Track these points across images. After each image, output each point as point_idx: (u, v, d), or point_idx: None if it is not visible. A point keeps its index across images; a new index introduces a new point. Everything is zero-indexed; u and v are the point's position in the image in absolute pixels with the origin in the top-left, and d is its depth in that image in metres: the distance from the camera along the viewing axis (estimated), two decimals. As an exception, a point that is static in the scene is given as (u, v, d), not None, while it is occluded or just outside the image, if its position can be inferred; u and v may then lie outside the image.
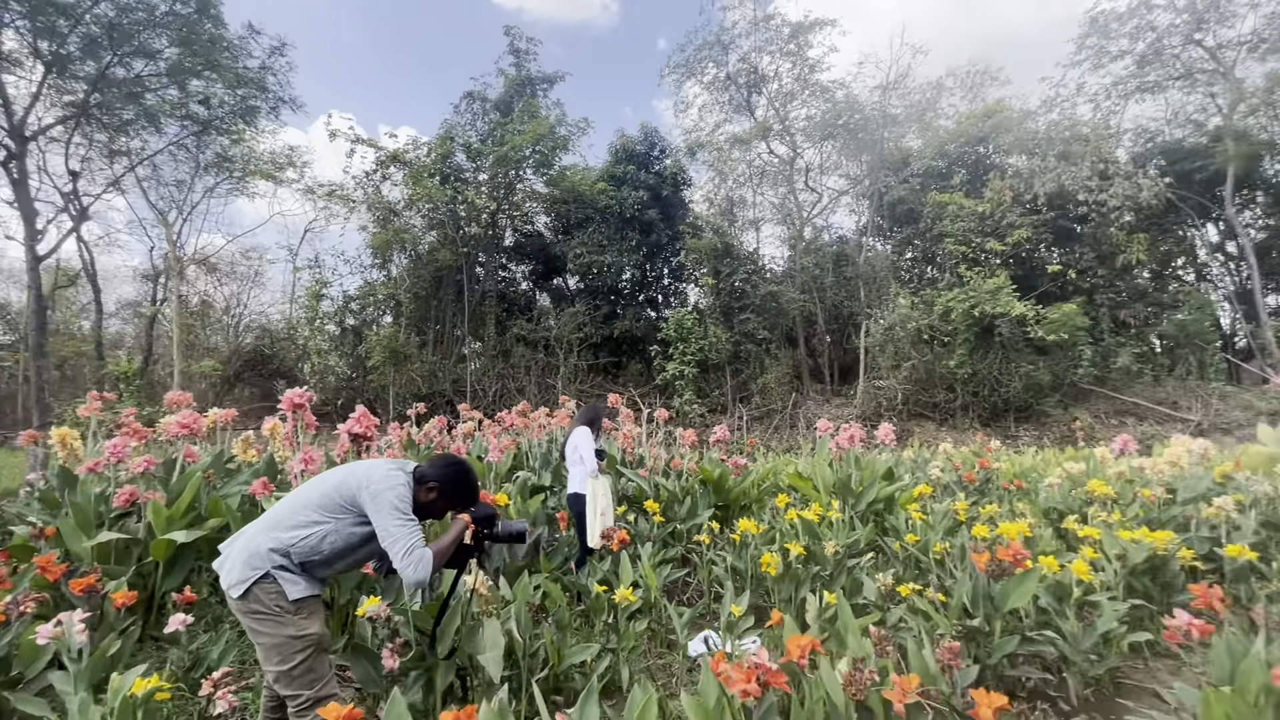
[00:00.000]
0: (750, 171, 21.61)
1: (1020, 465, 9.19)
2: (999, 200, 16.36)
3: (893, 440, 6.59)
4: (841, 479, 5.39)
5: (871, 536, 4.74)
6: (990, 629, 2.92)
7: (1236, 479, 5.80)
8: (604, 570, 4.00)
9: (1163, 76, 18.98)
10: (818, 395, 18.56)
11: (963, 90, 22.56)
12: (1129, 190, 15.78)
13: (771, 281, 18.91)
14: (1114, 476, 6.05)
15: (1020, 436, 14.86)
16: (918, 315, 15.66)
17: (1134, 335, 16.88)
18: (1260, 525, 4.98)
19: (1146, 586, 3.97)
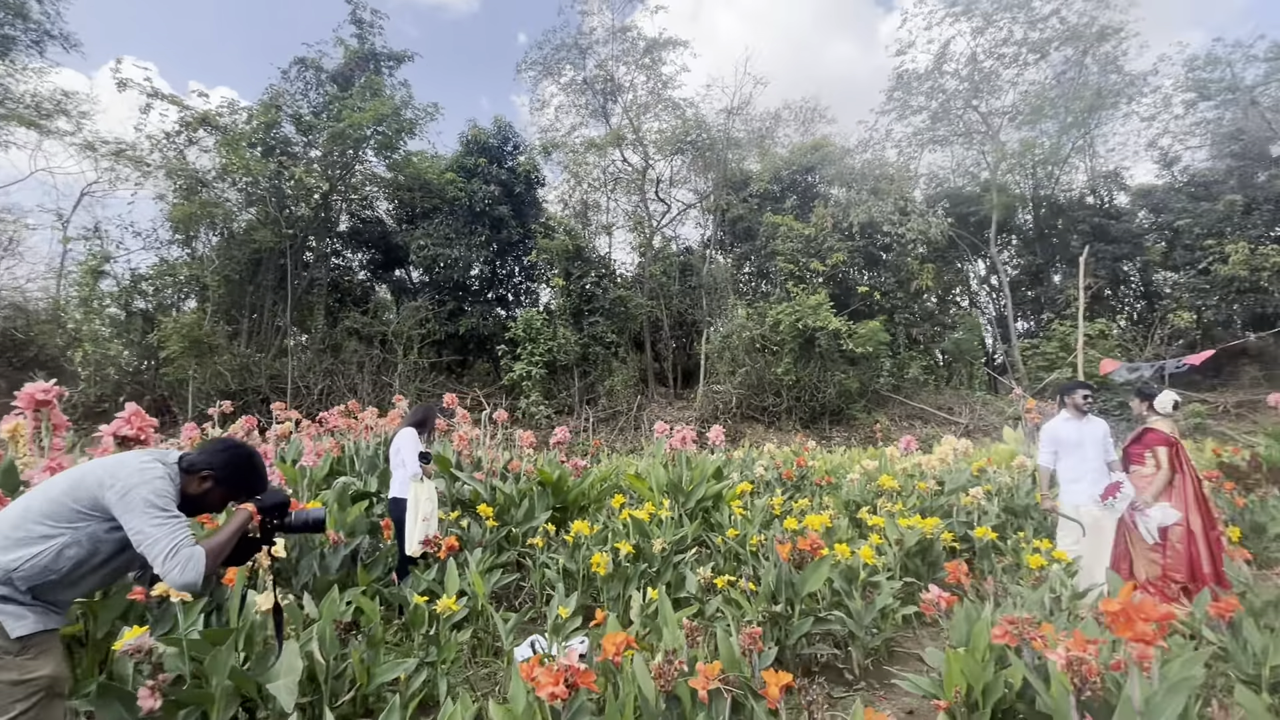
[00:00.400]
0: (605, 177, 21.96)
1: (830, 463, 10.27)
2: (822, 225, 18.26)
3: (723, 441, 7.05)
4: (673, 479, 5.65)
5: (698, 532, 5.02)
6: (791, 613, 3.23)
7: (988, 472, 7.03)
8: (428, 580, 3.81)
9: (949, 133, 22.51)
10: (662, 398, 19.32)
11: (796, 123, 24.91)
12: (922, 226, 18.44)
13: (621, 286, 19.35)
14: (900, 472, 7.02)
15: (833, 437, 16.65)
16: (752, 325, 16.95)
17: (922, 350, 19.75)
18: (1001, 510, 6.06)
19: (917, 566, 4.64)
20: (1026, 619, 2.14)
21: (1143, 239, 20.66)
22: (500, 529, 5.10)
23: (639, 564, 4.10)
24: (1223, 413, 16.11)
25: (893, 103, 22.39)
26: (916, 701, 3.12)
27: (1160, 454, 4.12)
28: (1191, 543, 3.93)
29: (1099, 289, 21.03)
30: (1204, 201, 19.60)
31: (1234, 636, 3.08)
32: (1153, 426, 4.19)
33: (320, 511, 2.10)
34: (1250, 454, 9.29)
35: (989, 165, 21.49)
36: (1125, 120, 21.78)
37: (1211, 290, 17.99)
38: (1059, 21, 19.67)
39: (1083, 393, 4.60)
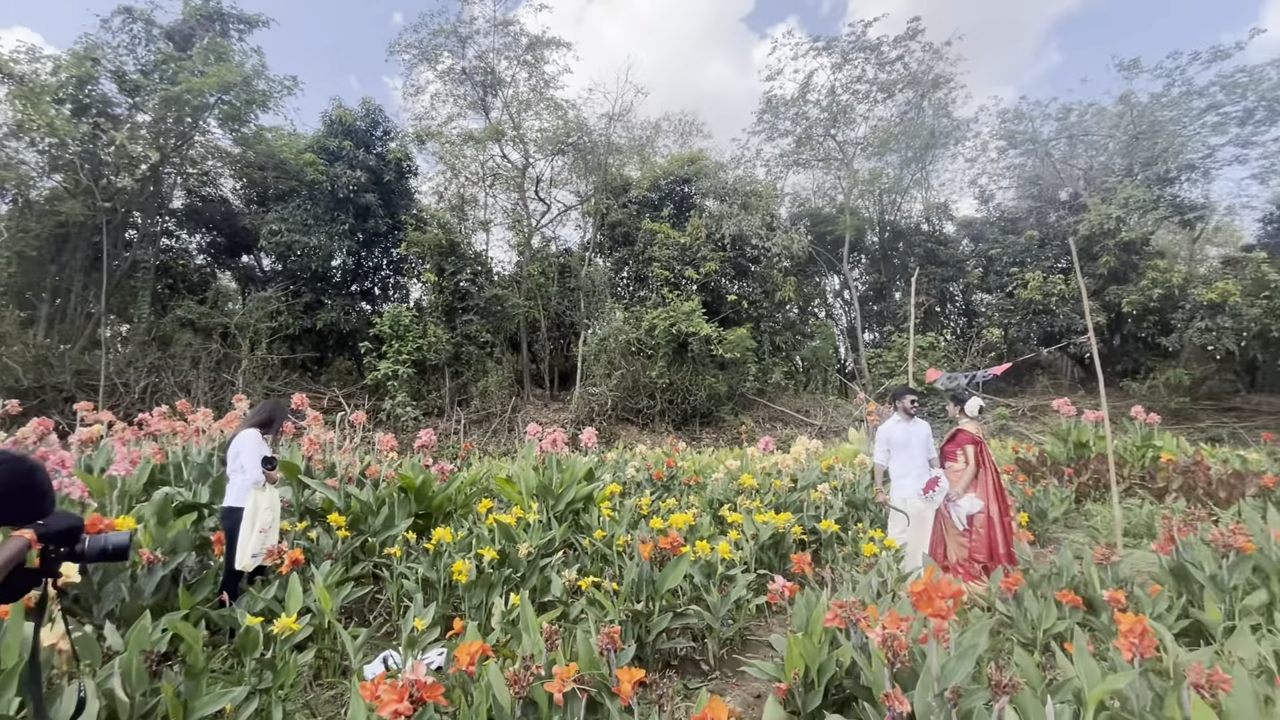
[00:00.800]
0: (483, 172, 21.31)
1: (699, 463, 10.71)
2: (696, 235, 19.02)
3: (595, 443, 7.11)
4: (544, 482, 5.61)
5: (567, 535, 5.02)
6: (651, 610, 3.34)
7: (835, 469, 7.71)
8: (266, 598, 3.48)
9: (811, 157, 24.42)
10: (538, 400, 19.09)
11: (675, 134, 25.79)
12: (786, 241, 19.82)
13: (498, 285, 18.87)
14: (759, 471, 7.50)
15: (703, 438, 17.39)
16: (629, 329, 17.26)
17: (784, 357, 21.20)
18: (845, 504, 6.68)
19: (770, 558, 4.98)
20: (854, 603, 2.38)
21: (965, 264, 23.70)
22: (355, 539, 4.77)
23: (504, 570, 4.03)
24: (1021, 415, 18.89)
25: (762, 124, 23.89)
26: (764, 685, 3.35)
27: (968, 451, 4.76)
28: (991, 528, 4.58)
29: (930, 306, 23.83)
30: (1011, 234, 22.91)
31: (1018, 606, 3.64)
32: (963, 428, 4.84)
33: (123, 536, 1.77)
34: (1039, 451, 11.00)
35: (844, 190, 23.59)
36: (953, 160, 24.96)
37: (1014, 311, 21.05)
38: (903, 67, 22.08)
39: (910, 398, 5.19)
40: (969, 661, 2.11)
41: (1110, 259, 19.36)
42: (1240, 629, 2.87)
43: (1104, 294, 19.59)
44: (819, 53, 22.63)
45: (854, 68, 22.52)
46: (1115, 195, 19.37)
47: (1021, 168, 24.94)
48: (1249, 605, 3.39)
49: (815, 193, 26.22)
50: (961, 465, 4.81)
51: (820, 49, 22.59)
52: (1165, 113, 19.97)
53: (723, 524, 5.81)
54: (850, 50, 22.16)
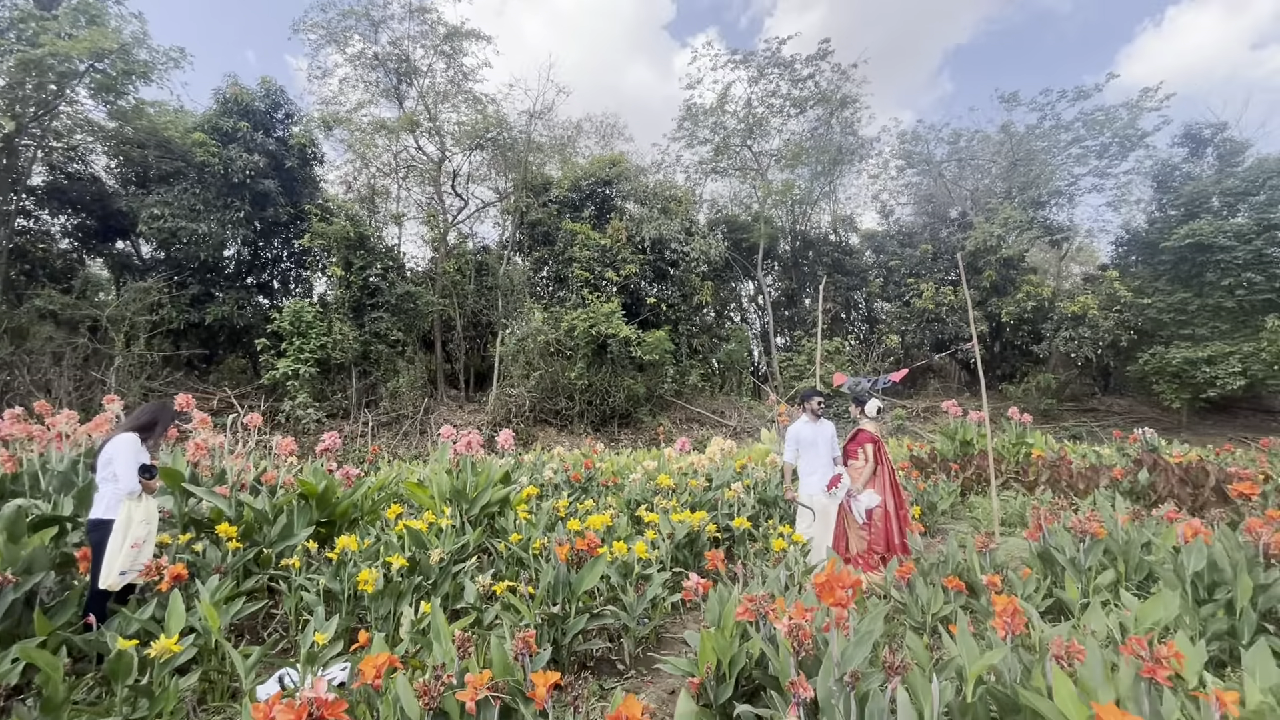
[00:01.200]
0: (396, 163, 20.43)
1: (617, 464, 10.77)
2: (617, 237, 19.12)
3: (512, 445, 6.99)
4: (457, 485, 5.46)
5: (481, 540, 4.91)
6: (568, 612, 3.33)
7: (748, 468, 7.99)
8: (142, 619, 3.17)
9: (729, 166, 25.19)
10: (452, 401, 18.50)
11: (597, 135, 25.84)
12: (703, 247, 20.31)
13: (411, 281, 18.13)
14: (676, 471, 7.65)
15: (621, 439, 17.49)
16: (548, 329, 17.08)
17: (701, 359, 21.70)
18: (757, 501, 6.93)
19: (686, 556, 5.09)
20: (763, 596, 2.48)
21: (867, 274, 25.24)
22: (248, 550, 4.44)
23: (414, 578, 3.88)
24: (915, 416, 20.33)
25: (683, 131, 24.38)
26: (679, 681, 3.42)
27: (868, 449, 5.07)
28: (888, 521, 4.91)
29: (836, 313, 25.18)
30: (908, 248, 24.63)
31: (910, 593, 3.92)
32: (863, 427, 5.16)
33: None
34: (931, 449, 11.89)
35: (759, 199, 24.48)
36: (858, 175, 26.53)
37: (910, 318, 22.65)
38: (814, 85, 23.23)
39: (817, 399, 5.47)
40: (866, 647, 2.26)
41: (992, 273, 21.23)
42: (1093, 605, 3.24)
43: (987, 305, 21.45)
44: (736, 65, 23.40)
45: (769, 82, 23.46)
46: (997, 215, 21.28)
47: (918, 186, 26.90)
48: (1100, 583, 3.83)
49: (732, 200, 27.07)
50: (862, 463, 5.12)
51: (738, 62, 23.36)
52: (1038, 143, 22.17)
53: (640, 524, 5.88)
54: (766, 65, 23.06)
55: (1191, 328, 18.64)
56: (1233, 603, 3.28)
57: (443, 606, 3.96)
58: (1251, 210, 18.07)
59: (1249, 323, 17.73)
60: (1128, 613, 3.26)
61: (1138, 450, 11.36)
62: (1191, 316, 18.72)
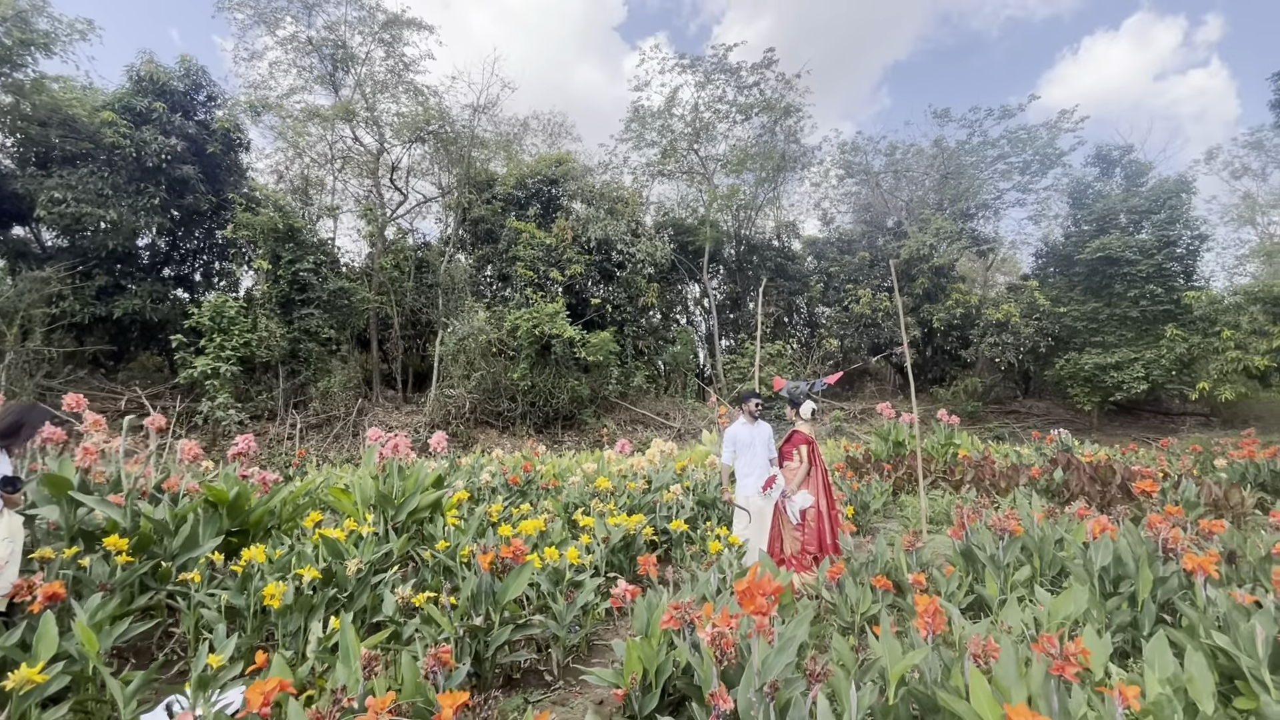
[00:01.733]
0: (332, 154, 19.57)
1: (558, 467, 10.60)
2: (562, 237, 18.90)
3: (445, 448, 6.74)
4: (384, 490, 5.19)
5: (406, 548, 4.68)
6: (491, 623, 3.18)
7: (688, 470, 7.99)
8: (6, 646, 2.83)
9: (676, 170, 25.33)
10: (389, 402, 17.83)
11: (544, 134, 25.52)
12: (650, 249, 20.34)
13: (346, 277, 17.38)
14: (616, 473, 7.57)
15: (564, 441, 17.28)
16: (490, 329, 16.70)
17: (646, 361, 21.72)
18: (696, 504, 6.92)
19: (621, 561, 5.01)
20: (689, 603, 2.42)
21: (809, 279, 25.89)
22: (144, 564, 4.07)
23: (328, 590, 3.64)
24: (852, 418, 20.96)
25: (630, 133, 24.37)
26: (606, 692, 3.33)
27: (802, 451, 5.12)
28: (820, 521, 4.96)
29: (778, 316, 25.70)
30: (847, 255, 25.41)
31: (840, 593, 3.96)
32: (798, 429, 5.21)
33: None
34: (866, 449, 12.24)
35: (705, 203, 24.72)
36: (800, 183, 27.21)
37: (849, 323, 23.37)
38: (759, 93, 23.65)
39: (754, 401, 5.49)
40: (790, 653, 2.22)
41: (925, 281, 22.15)
42: (1010, 601, 3.34)
43: (919, 311, 22.36)
44: (684, 69, 23.56)
45: (716, 88, 23.73)
46: (929, 225, 22.22)
47: (857, 195, 27.81)
48: (1018, 579, 3.97)
49: (679, 204, 27.24)
50: (796, 464, 5.17)
51: (685, 66, 23.54)
52: (967, 158, 23.30)
53: (576, 529, 5.76)
54: (712, 70, 23.32)
55: (1102, 335, 19.97)
56: (1135, 595, 3.46)
57: (360, 621, 3.73)
58: (1153, 227, 19.51)
59: (1151, 331, 19.13)
60: (1041, 608, 3.38)
61: (1053, 450, 12.04)
62: (1102, 325, 20.05)
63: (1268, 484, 8.56)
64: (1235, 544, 3.97)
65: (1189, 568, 3.02)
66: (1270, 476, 8.58)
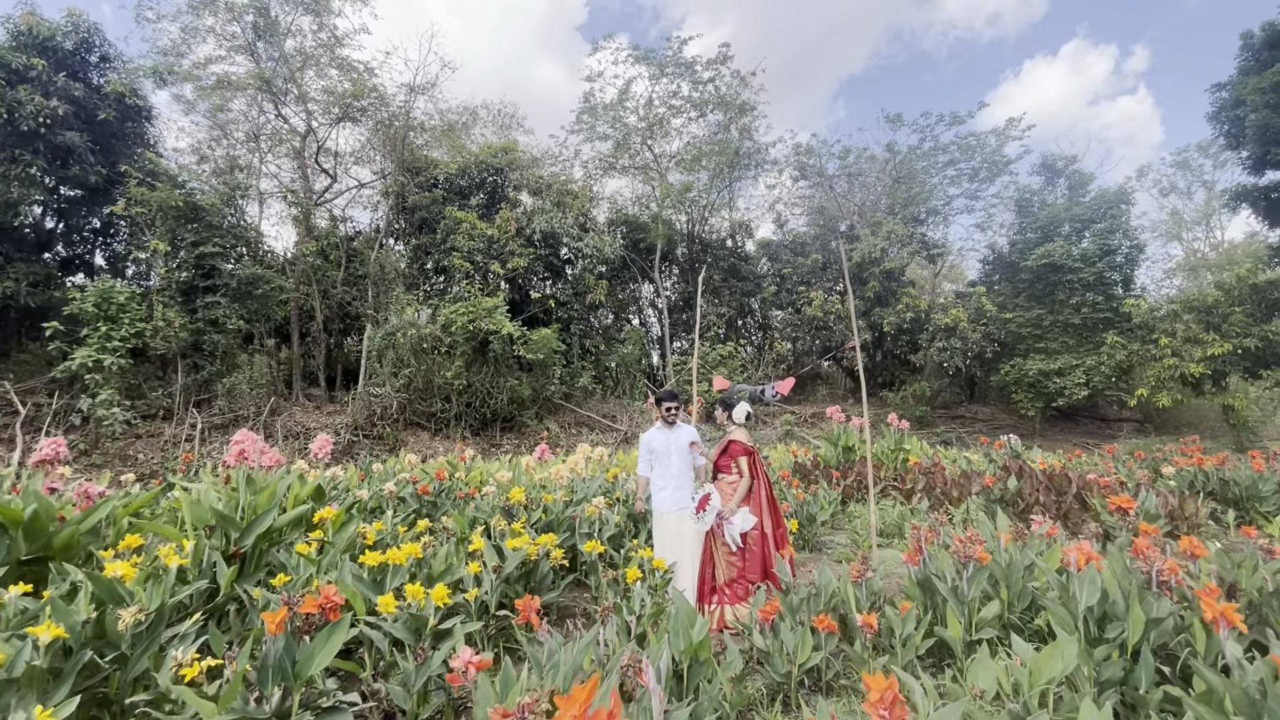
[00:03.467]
0: (257, 131, 18.00)
1: (486, 472, 9.63)
2: (505, 228, 17.86)
3: (326, 454, 5.75)
4: (221, 509, 4.18)
5: (233, 585, 3.69)
6: (288, 704, 2.28)
7: (619, 479, 7.17)
8: None
9: (629, 165, 24.56)
10: (309, 401, 16.41)
11: (494, 126, 24.37)
12: (598, 244, 19.48)
13: (264, 264, 15.91)
14: (536, 483, 6.68)
15: (503, 445, 16.24)
16: (422, 324, 15.52)
17: (594, 361, 20.83)
18: (625, 517, 6.11)
19: (517, 592, 4.14)
20: (532, 700, 1.59)
21: (762, 280, 25.50)
22: None
23: (81, 653, 2.65)
24: (803, 422, 20.58)
25: (581, 124, 23.47)
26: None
27: (741, 463, 4.37)
28: (764, 544, 4.22)
29: (731, 318, 25.22)
30: (800, 257, 25.13)
31: (774, 638, 3.20)
32: (735, 438, 4.46)
33: None
34: (814, 455, 11.69)
35: (658, 200, 24.04)
36: (755, 183, 26.84)
37: (801, 326, 23.04)
38: (714, 89, 23.12)
39: (669, 404, 4.72)
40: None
41: (876, 284, 22.00)
42: (981, 653, 2.64)
43: (870, 315, 22.20)
44: (638, 61, 22.85)
45: (670, 82, 23.09)
46: (881, 229, 22.10)
47: (810, 198, 27.62)
48: (985, 616, 3.30)
49: (633, 201, 26.49)
50: (735, 477, 4.42)
51: (639, 58, 22.83)
52: (919, 163, 23.33)
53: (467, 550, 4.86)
54: (667, 64, 22.67)
55: (1045, 341, 20.16)
56: (1124, 640, 2.81)
57: (130, 691, 2.75)
58: (1095, 236, 19.83)
59: (1091, 338, 19.39)
60: (1018, 661, 2.69)
61: (1004, 457, 11.75)
62: (1045, 331, 20.25)
63: (1217, 492, 8.33)
64: (1230, 572, 3.40)
65: (1209, 617, 2.36)
66: (1219, 485, 8.36)
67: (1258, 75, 13.06)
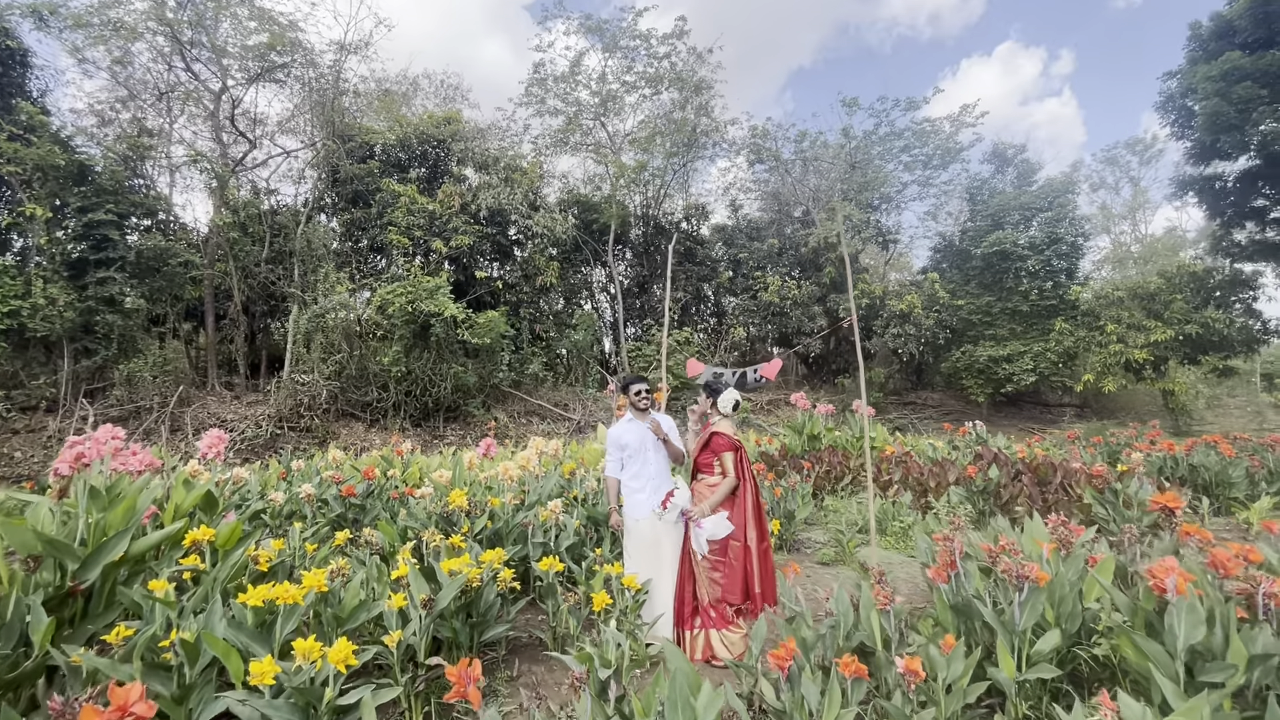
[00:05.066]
0: (165, 86, 16.04)
1: (428, 467, 8.64)
2: (449, 204, 16.60)
3: (219, 453, 4.72)
4: (58, 531, 3.16)
5: (48, 640, 2.69)
6: None
7: (577, 476, 6.35)
8: None
9: (580, 143, 23.49)
10: (228, 391, 14.83)
11: (437, 98, 22.78)
12: (549, 223, 18.43)
13: (172, 237, 14.18)
14: (480, 482, 5.79)
15: (447, 436, 15.13)
16: (356, 305, 14.19)
17: (545, 347, 19.83)
18: (584, 522, 5.31)
19: (454, 632, 3.29)
20: None
21: (718, 265, 24.97)
22: None
23: None
24: (759, 409, 20.21)
25: (530, 97, 22.24)
26: None
27: (726, 460, 3.63)
28: (747, 559, 3.50)
29: (686, 303, 24.60)
30: (756, 242, 24.71)
31: (792, 692, 2.48)
32: (718, 430, 3.71)
33: None
34: (781, 445, 11.16)
35: (611, 180, 23.09)
36: (711, 163, 26.23)
37: (757, 312, 22.65)
38: (670, 65, 22.26)
39: (639, 387, 3.95)
40: None
41: (832, 270, 21.79)
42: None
43: (826, 300, 22.00)
44: (590, 32, 21.76)
45: (625, 56, 22.11)
46: (837, 214, 21.87)
47: (766, 182, 27.21)
48: (1041, 651, 2.68)
49: (585, 181, 25.45)
50: (717, 478, 3.68)
51: (592, 28, 21.74)
52: (874, 149, 23.19)
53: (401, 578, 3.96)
54: (621, 35, 21.66)
55: (994, 329, 20.42)
56: (1245, 688, 2.23)
57: None
58: (1042, 225, 20.14)
59: (1039, 325, 19.73)
60: None
61: (969, 444, 11.53)
62: (995, 318, 20.51)
63: (1186, 479, 8.20)
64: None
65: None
66: (1189, 471, 8.23)
67: (1206, 64, 13.24)
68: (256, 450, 12.43)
